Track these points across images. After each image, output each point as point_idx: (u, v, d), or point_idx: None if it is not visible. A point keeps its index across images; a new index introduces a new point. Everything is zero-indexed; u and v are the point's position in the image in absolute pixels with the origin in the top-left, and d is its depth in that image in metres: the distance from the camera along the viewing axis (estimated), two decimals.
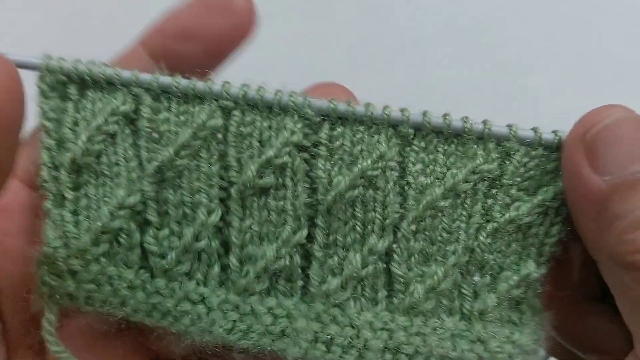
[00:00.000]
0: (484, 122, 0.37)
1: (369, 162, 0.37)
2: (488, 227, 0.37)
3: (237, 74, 0.40)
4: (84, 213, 0.39)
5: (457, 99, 0.78)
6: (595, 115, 0.34)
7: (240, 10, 0.39)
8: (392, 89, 0.72)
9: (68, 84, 0.39)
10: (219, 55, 0.41)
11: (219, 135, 0.38)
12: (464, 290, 0.38)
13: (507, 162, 0.37)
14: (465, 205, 0.37)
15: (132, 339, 0.42)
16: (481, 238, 0.37)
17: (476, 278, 0.38)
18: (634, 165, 0.32)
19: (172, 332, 0.39)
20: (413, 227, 0.37)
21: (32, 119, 0.37)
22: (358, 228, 0.38)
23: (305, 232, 0.38)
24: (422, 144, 0.37)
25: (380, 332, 0.37)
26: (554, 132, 0.37)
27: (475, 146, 0.37)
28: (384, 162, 0.37)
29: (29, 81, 0.37)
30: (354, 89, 0.41)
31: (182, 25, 0.40)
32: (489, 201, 0.37)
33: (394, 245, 0.38)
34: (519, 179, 0.37)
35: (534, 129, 0.37)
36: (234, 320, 0.38)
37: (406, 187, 0.38)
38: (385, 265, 0.38)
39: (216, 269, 0.39)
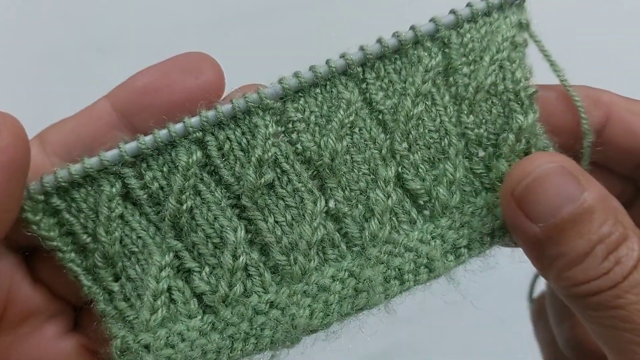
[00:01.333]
0: (412, 28, 0.40)
1: (341, 112, 0.40)
2: (464, 107, 0.41)
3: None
4: (133, 294, 0.41)
5: None
6: (521, 170, 0.39)
7: (209, 73, 0.40)
8: None
9: (49, 198, 0.39)
10: (181, 113, 0.41)
11: (206, 164, 0.40)
12: (477, 170, 0.42)
13: (447, 50, 0.41)
14: (437, 102, 0.41)
15: None
16: (464, 119, 0.41)
17: (481, 154, 0.42)
18: (561, 212, 0.37)
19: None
20: (405, 144, 0.41)
21: None
22: (364, 169, 0.41)
23: (322, 200, 0.41)
24: (374, 74, 0.41)
25: (433, 242, 0.41)
26: (468, 5, 0.41)
27: (416, 51, 0.41)
28: (353, 106, 0.40)
29: None
30: None
31: (150, 80, 0.40)
32: (453, 89, 0.41)
33: (400, 169, 0.41)
34: (464, 58, 0.41)
35: (452, 11, 0.41)
36: (310, 305, 0.40)
37: (381, 117, 0.41)
38: (403, 191, 0.42)
39: (267, 275, 0.41)
